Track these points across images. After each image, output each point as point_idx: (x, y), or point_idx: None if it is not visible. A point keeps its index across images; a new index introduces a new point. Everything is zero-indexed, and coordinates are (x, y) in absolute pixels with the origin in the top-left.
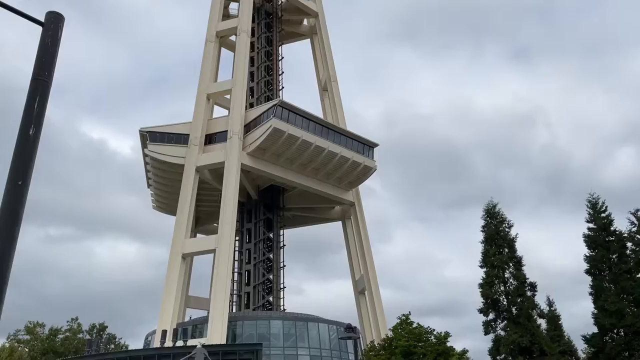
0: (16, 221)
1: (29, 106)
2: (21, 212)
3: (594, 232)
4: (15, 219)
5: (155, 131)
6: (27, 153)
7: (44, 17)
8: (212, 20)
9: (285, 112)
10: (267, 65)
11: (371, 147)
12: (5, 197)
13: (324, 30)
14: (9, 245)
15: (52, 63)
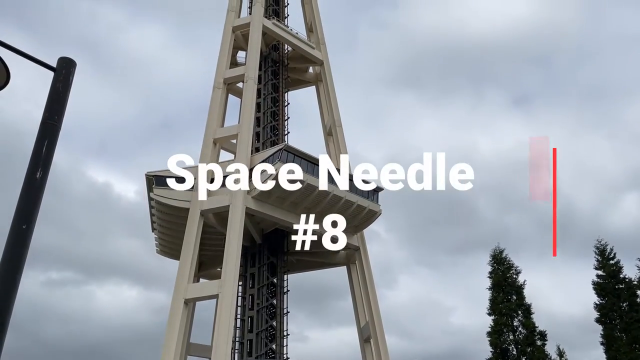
0: (19, 266)
1: (37, 150)
2: (24, 256)
3: (603, 279)
4: (18, 263)
5: (161, 175)
6: (33, 197)
7: (56, 62)
8: (220, 68)
9: (290, 156)
10: (273, 110)
11: (376, 191)
12: (9, 240)
13: (328, 77)
14: (10, 290)
15: (62, 108)
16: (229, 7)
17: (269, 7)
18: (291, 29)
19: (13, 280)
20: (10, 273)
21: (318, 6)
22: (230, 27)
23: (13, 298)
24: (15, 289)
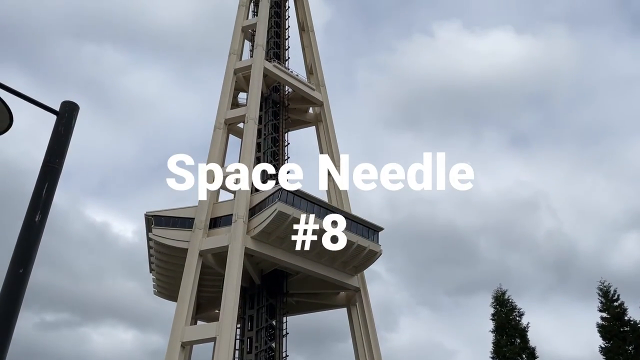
0: (14, 310)
1: (37, 192)
2: (20, 300)
3: (608, 322)
4: (14, 307)
5: (160, 215)
6: (31, 240)
7: (59, 106)
8: (221, 109)
9: (290, 195)
10: (273, 150)
11: (376, 231)
12: (5, 284)
13: (328, 118)
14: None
15: (63, 151)
16: (231, 50)
17: (270, 50)
18: (292, 71)
19: (7, 326)
20: (5, 318)
21: (318, 49)
22: (232, 69)
23: (7, 343)
24: (10, 335)
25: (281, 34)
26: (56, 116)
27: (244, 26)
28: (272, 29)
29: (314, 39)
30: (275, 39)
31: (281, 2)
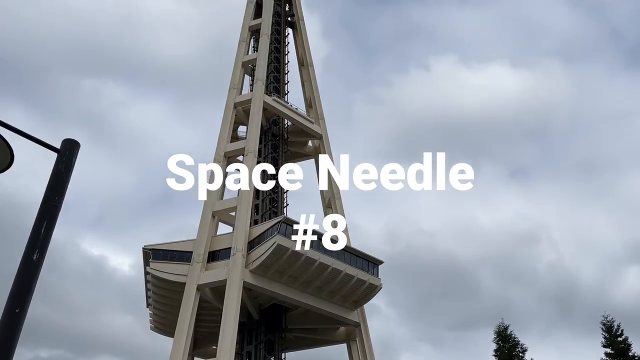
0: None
1: (35, 230)
2: (16, 341)
3: (612, 357)
4: (9, 348)
5: (158, 249)
6: (28, 280)
7: (60, 144)
8: (221, 142)
9: (289, 228)
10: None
11: (376, 265)
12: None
13: (327, 150)
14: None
15: (63, 188)
16: (231, 84)
17: (270, 84)
18: (291, 104)
19: None
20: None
21: (317, 84)
22: (232, 103)
23: None
24: None
25: (281, 68)
26: (57, 154)
27: (244, 61)
28: (272, 64)
29: (313, 74)
30: (275, 74)
31: (281, 38)
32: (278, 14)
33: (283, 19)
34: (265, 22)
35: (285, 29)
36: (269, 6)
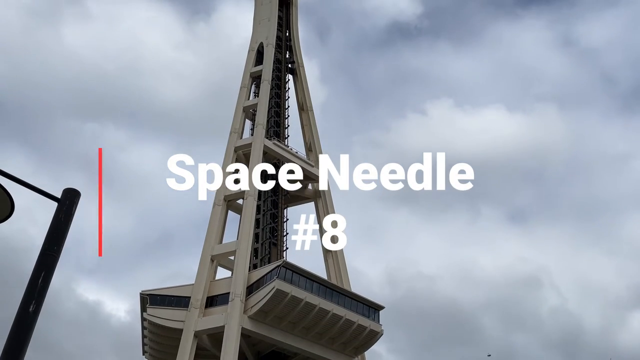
0: None
1: (33, 281)
2: None
3: None
4: None
5: (156, 294)
6: (24, 331)
7: (61, 193)
8: (221, 185)
9: (289, 273)
10: (272, 227)
11: (377, 310)
12: None
13: (327, 193)
14: None
15: (62, 238)
16: (232, 128)
17: (270, 128)
18: (291, 148)
19: None
20: None
21: (317, 128)
22: (232, 147)
23: None
24: None
25: (281, 113)
26: (57, 203)
27: (245, 106)
28: (272, 109)
29: (313, 118)
30: (276, 118)
31: (281, 83)
32: (279, 61)
33: (283, 65)
34: (267, 68)
35: (285, 75)
36: (270, 54)
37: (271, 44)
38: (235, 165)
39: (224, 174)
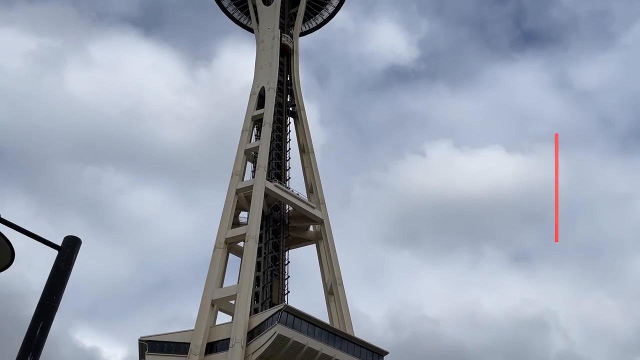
0: None
1: (31, 331)
2: None
3: None
4: None
5: (154, 340)
6: None
7: (62, 241)
8: (222, 228)
9: (290, 317)
10: (273, 270)
11: (380, 355)
12: None
13: (329, 235)
14: None
15: (62, 286)
16: (234, 171)
17: (271, 170)
18: (292, 190)
19: None
20: None
21: (318, 170)
22: (234, 189)
23: None
24: None
25: (282, 155)
26: (57, 251)
27: (246, 149)
28: (273, 151)
29: (314, 160)
30: (277, 160)
31: (282, 126)
32: (280, 104)
33: (285, 108)
34: (268, 112)
35: (286, 118)
36: (272, 97)
37: (272, 88)
38: (236, 208)
39: (225, 216)
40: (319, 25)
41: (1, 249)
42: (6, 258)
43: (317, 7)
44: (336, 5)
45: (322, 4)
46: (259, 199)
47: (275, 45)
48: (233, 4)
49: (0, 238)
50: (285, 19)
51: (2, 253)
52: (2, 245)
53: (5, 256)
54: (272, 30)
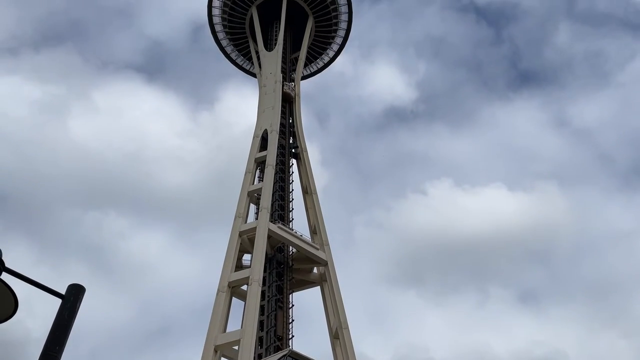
0: None
1: None
2: None
3: None
4: None
5: None
6: None
7: (65, 289)
8: (225, 272)
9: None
10: (277, 314)
11: None
12: None
13: (333, 278)
14: None
15: (65, 336)
16: (237, 213)
17: (274, 212)
18: (296, 231)
19: None
20: None
21: (321, 211)
22: (237, 232)
23: None
24: None
25: (285, 196)
26: (61, 300)
27: (249, 191)
28: (276, 192)
29: (317, 201)
30: (280, 202)
31: (285, 168)
32: (282, 146)
33: (287, 150)
34: (271, 154)
35: (289, 159)
36: (274, 140)
37: (275, 130)
38: (240, 250)
39: (229, 259)
40: (320, 69)
41: (5, 298)
42: (10, 308)
43: (317, 51)
44: (336, 50)
45: (323, 48)
46: (263, 241)
47: (277, 89)
48: (236, 50)
49: (4, 288)
50: (287, 63)
51: (6, 303)
52: (5, 295)
53: (8, 306)
54: (274, 75)
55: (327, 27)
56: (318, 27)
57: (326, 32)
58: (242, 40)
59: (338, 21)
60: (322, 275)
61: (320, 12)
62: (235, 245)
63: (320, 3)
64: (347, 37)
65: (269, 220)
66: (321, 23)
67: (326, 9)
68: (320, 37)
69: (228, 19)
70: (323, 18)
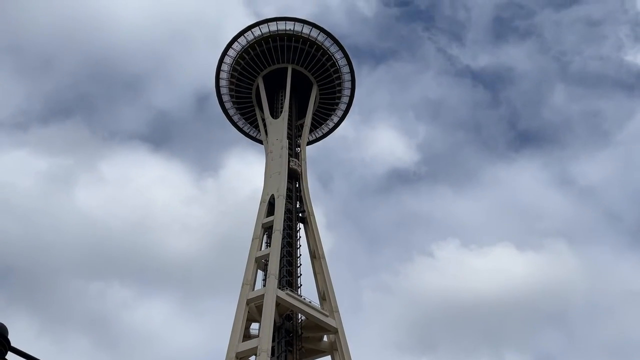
0: None
1: None
2: None
3: None
4: None
5: None
6: None
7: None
8: (232, 342)
9: None
10: None
11: None
12: None
13: (344, 346)
14: None
15: None
16: (244, 280)
17: (282, 278)
18: (304, 298)
19: None
20: None
21: (330, 276)
22: (244, 299)
23: None
24: None
25: (293, 262)
26: None
27: (257, 257)
28: (284, 258)
29: (325, 266)
30: (288, 267)
31: (292, 233)
32: (289, 211)
33: (294, 215)
34: (278, 219)
35: (296, 224)
36: (281, 205)
37: (282, 195)
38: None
39: (236, 329)
40: (325, 135)
41: None
42: None
43: (322, 117)
44: (341, 115)
45: (327, 114)
46: (271, 309)
47: (283, 154)
48: (243, 119)
49: None
50: (293, 129)
51: None
52: None
53: None
54: (280, 141)
55: (330, 94)
56: (322, 95)
57: (330, 98)
58: (248, 109)
59: (342, 88)
60: (332, 343)
61: (324, 80)
62: (242, 314)
63: (324, 72)
64: (350, 103)
65: (276, 287)
66: (325, 90)
67: (329, 77)
68: (324, 104)
69: (235, 89)
70: (327, 86)
